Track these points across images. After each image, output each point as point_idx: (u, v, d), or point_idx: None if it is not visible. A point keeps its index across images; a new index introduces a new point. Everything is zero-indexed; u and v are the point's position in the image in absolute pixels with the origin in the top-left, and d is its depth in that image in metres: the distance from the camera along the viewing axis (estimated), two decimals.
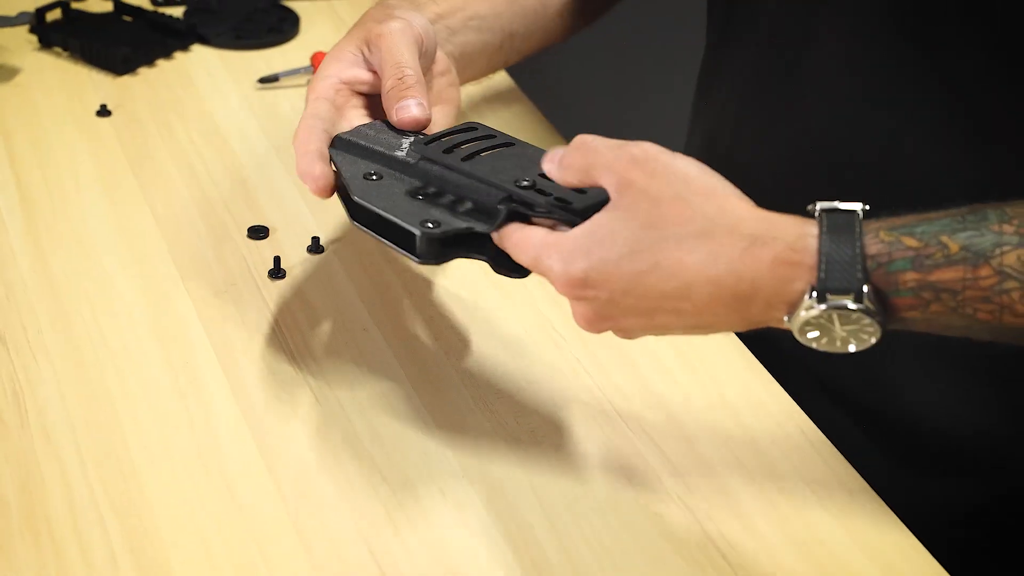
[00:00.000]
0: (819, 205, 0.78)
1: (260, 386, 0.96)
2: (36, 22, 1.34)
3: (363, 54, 0.97)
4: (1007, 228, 0.76)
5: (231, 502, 0.87)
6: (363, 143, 0.94)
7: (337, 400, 0.95)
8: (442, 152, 0.91)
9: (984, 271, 0.76)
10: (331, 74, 0.97)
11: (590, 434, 0.93)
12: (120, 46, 1.32)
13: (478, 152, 0.91)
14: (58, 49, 1.34)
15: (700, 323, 0.80)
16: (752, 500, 0.89)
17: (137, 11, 1.40)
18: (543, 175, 0.86)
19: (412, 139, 0.94)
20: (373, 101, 0.98)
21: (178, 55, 1.36)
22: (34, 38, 1.35)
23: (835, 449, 0.94)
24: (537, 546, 0.85)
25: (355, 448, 0.91)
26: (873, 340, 0.77)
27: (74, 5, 1.41)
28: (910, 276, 0.76)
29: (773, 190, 1.02)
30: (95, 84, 1.30)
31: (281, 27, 1.41)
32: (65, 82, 1.30)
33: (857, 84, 1.02)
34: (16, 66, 1.31)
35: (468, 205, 0.88)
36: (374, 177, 0.91)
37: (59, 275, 1.05)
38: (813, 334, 0.77)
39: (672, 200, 0.78)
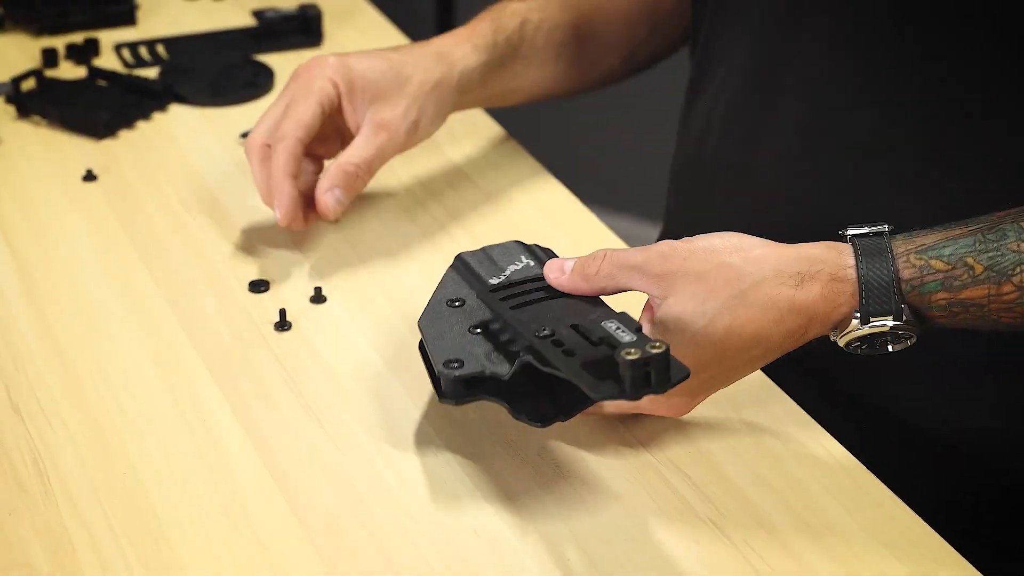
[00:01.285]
0: (850, 231, 0.88)
1: (280, 438, 0.96)
2: (12, 92, 1.34)
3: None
4: None
5: (265, 558, 0.87)
6: (475, 265, 0.99)
7: (358, 446, 0.95)
8: (499, 300, 0.94)
9: (1007, 288, 0.86)
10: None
11: (614, 464, 0.94)
12: (99, 110, 1.32)
13: (536, 301, 0.93)
14: (36, 117, 1.34)
15: (768, 358, 0.90)
16: (785, 521, 0.89)
17: (111, 75, 1.40)
18: (575, 325, 0.88)
19: (523, 265, 0.98)
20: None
21: (157, 116, 1.36)
22: (11, 108, 1.34)
23: (853, 456, 0.94)
24: None
25: (382, 493, 0.91)
26: (910, 343, 0.88)
27: (47, 73, 1.41)
28: (941, 296, 0.87)
29: (765, 192, 1.03)
30: (78, 150, 1.30)
31: (256, 81, 1.41)
32: (48, 150, 1.30)
33: (844, 83, 1.04)
34: None
35: (512, 348, 0.91)
36: (456, 304, 0.96)
37: (65, 341, 1.04)
38: (857, 344, 0.88)
39: (715, 269, 0.86)
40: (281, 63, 1.44)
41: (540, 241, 1.15)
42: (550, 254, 1.00)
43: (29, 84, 1.37)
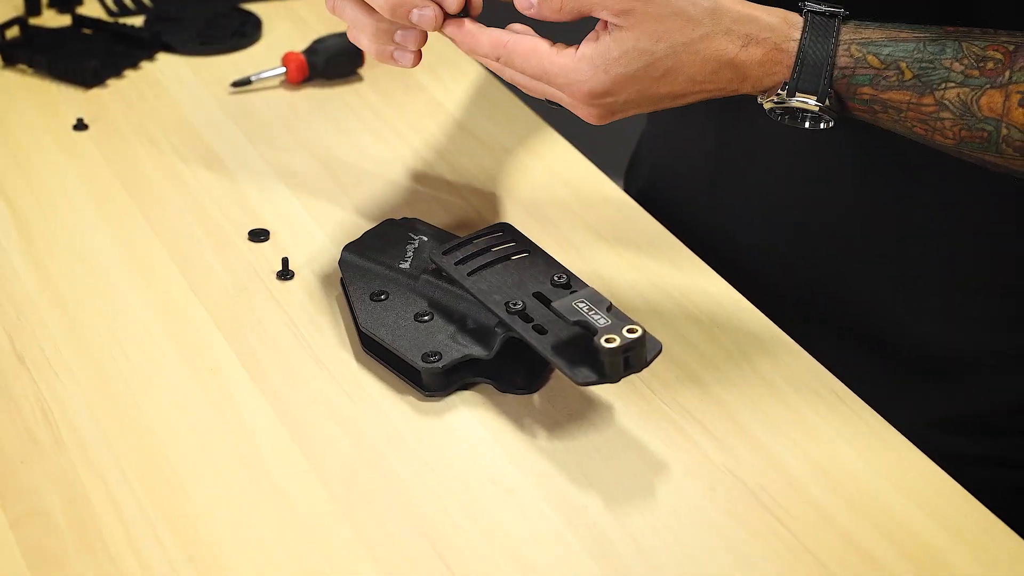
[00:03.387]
0: (808, 5, 0.91)
1: (289, 387, 0.95)
2: None
3: None
4: (956, 65, 0.89)
5: (282, 504, 0.86)
6: (370, 253, 1.00)
7: (370, 396, 0.94)
8: (453, 264, 0.95)
9: (927, 100, 0.90)
10: None
11: (627, 413, 0.94)
12: (88, 59, 1.30)
13: (489, 264, 0.95)
14: (23, 66, 1.32)
15: (690, 99, 0.93)
16: (802, 469, 0.90)
17: (97, 23, 1.38)
18: (537, 294, 0.92)
19: (417, 242, 1.01)
20: None
21: (145, 65, 1.34)
22: None
23: (861, 401, 0.95)
24: (596, 525, 0.85)
25: (396, 442, 0.91)
26: (824, 126, 0.92)
27: (31, 21, 1.39)
28: (867, 91, 0.91)
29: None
30: (66, 99, 1.28)
31: (244, 31, 1.39)
32: (36, 99, 1.28)
33: None
34: None
35: (471, 325, 0.94)
36: (382, 297, 0.97)
37: (66, 292, 1.03)
38: (778, 112, 0.93)
39: (672, 15, 0.89)
40: (268, 12, 1.43)
41: (540, 190, 1.16)
42: (420, 224, 1.05)
43: (13, 32, 1.35)
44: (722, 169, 1.16)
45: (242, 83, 1.30)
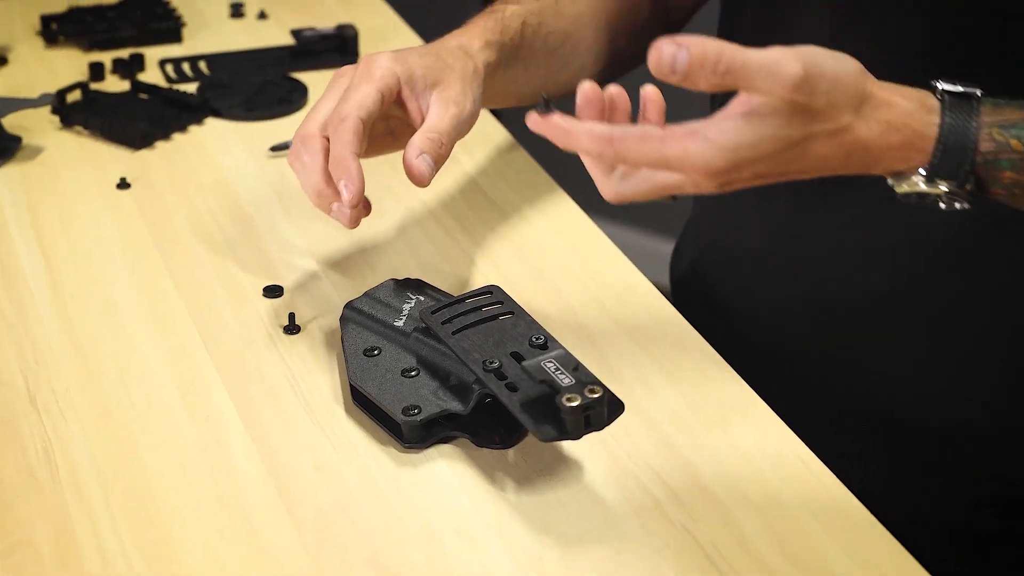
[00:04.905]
0: (940, 85, 0.88)
1: (280, 436, 1.00)
2: (58, 103, 1.40)
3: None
4: None
5: (256, 548, 0.91)
6: (369, 311, 1.06)
7: (353, 448, 0.99)
8: (440, 323, 1.00)
9: None
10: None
11: (595, 468, 0.97)
12: (138, 122, 1.38)
13: (474, 324, 1.00)
14: (79, 128, 1.40)
15: (816, 176, 0.88)
16: (754, 525, 0.92)
17: (153, 89, 1.46)
18: (515, 353, 0.96)
19: (414, 301, 1.06)
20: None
21: (192, 128, 1.41)
22: (56, 118, 1.40)
23: (831, 473, 0.97)
24: None
25: (371, 491, 0.95)
26: (959, 207, 0.88)
27: (93, 86, 1.47)
28: (1008, 175, 0.88)
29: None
30: (115, 159, 1.35)
31: (290, 98, 1.46)
32: (87, 158, 1.35)
33: None
34: (40, 145, 1.37)
35: (453, 381, 0.99)
36: (375, 352, 1.02)
37: (85, 339, 1.09)
38: (911, 197, 0.89)
39: (827, 106, 0.84)
40: (316, 80, 1.49)
41: (548, 255, 1.19)
42: (421, 284, 1.09)
43: (75, 96, 1.43)
44: (768, 263, 1.20)
45: (281, 147, 1.37)
